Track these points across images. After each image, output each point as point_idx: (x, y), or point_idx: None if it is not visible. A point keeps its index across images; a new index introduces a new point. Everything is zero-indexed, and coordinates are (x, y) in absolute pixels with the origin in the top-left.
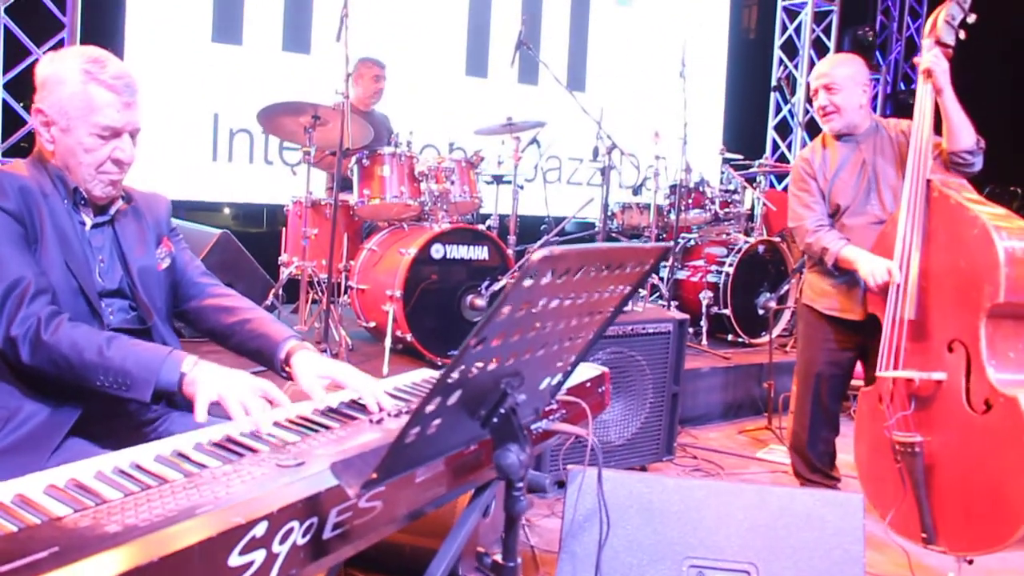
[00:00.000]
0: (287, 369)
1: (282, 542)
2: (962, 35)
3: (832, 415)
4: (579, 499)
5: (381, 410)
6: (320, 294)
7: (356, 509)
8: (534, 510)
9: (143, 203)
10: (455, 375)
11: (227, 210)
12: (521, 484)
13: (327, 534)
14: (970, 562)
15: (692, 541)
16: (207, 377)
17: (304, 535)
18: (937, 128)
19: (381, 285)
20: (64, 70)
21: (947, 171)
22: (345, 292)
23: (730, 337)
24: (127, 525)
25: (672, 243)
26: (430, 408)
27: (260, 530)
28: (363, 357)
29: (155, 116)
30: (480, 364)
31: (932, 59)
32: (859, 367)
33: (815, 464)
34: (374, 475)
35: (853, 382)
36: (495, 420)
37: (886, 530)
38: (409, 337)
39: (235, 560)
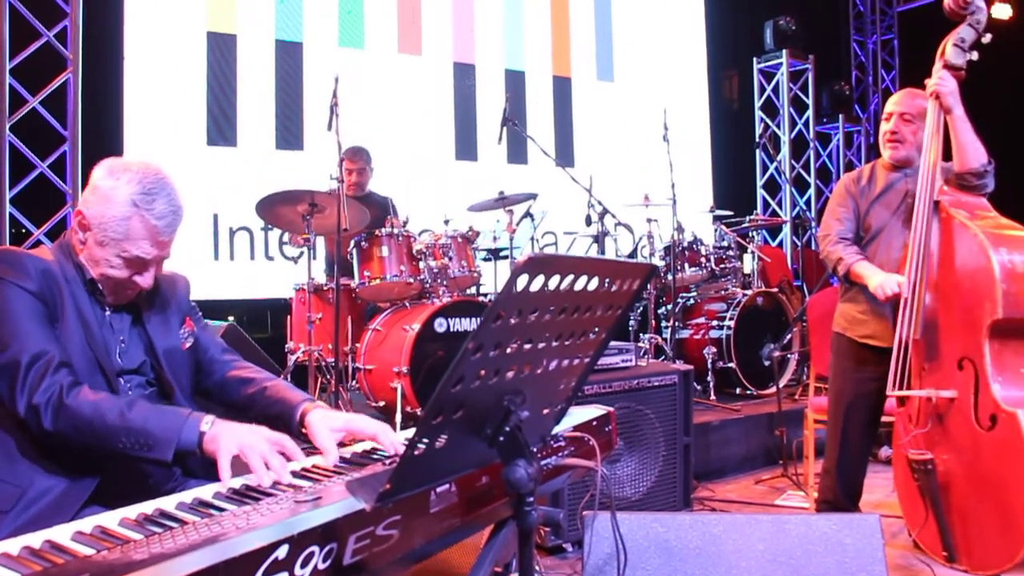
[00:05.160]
0: (304, 431)
1: (303, 566)
2: (975, 56)
3: (861, 450)
4: (597, 542)
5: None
6: (328, 378)
7: (374, 536)
8: (556, 570)
9: (164, 284)
10: (457, 385)
11: (231, 317)
12: (532, 498)
13: (347, 560)
14: None
15: None
16: (226, 433)
17: (324, 560)
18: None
19: (388, 363)
20: (116, 192)
21: (964, 192)
22: (353, 375)
23: (738, 390)
24: (153, 553)
25: (657, 267)
26: (436, 420)
27: (282, 552)
28: None
29: None
30: (481, 375)
31: (937, 81)
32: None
33: (840, 501)
34: (387, 486)
35: (885, 418)
36: (501, 438)
37: (912, 544)
38: (419, 412)
39: None
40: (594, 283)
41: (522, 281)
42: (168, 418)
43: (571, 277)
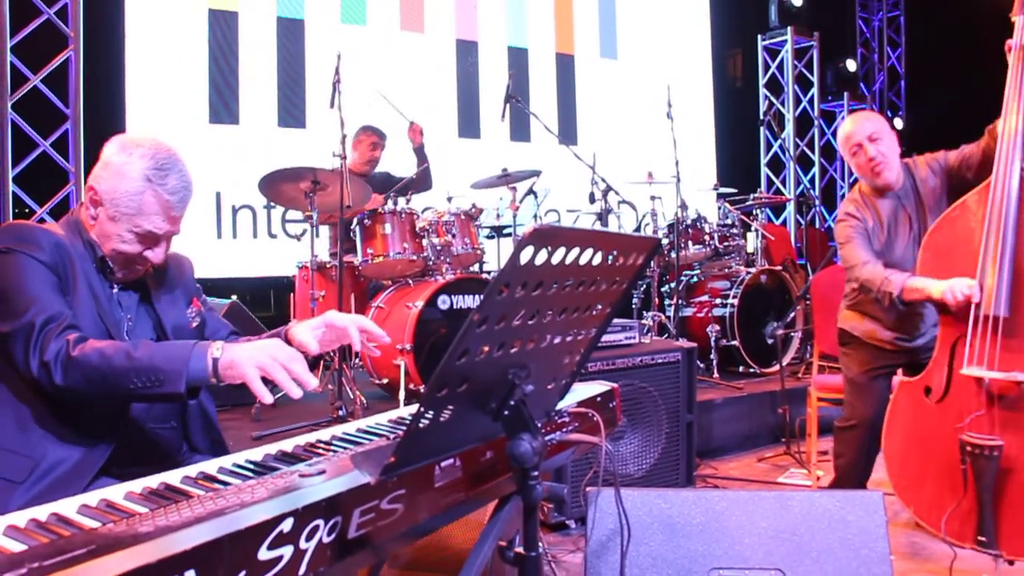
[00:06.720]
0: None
1: (308, 539)
2: None
3: (876, 432)
4: (600, 518)
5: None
6: (332, 356)
7: (378, 510)
8: (559, 546)
9: (172, 265)
10: (461, 358)
11: (234, 295)
12: (536, 472)
13: (352, 534)
14: (1011, 563)
15: (717, 552)
16: (242, 356)
17: (330, 533)
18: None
19: (391, 341)
20: (129, 167)
21: None
22: (356, 353)
23: (741, 368)
24: (159, 526)
25: (661, 241)
26: (441, 393)
27: (287, 526)
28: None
29: None
30: (485, 348)
31: None
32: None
33: (859, 457)
34: (392, 459)
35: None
36: (506, 412)
37: (939, 529)
38: (423, 389)
39: (264, 554)
40: (599, 257)
41: (527, 253)
42: (175, 351)
43: (576, 250)
